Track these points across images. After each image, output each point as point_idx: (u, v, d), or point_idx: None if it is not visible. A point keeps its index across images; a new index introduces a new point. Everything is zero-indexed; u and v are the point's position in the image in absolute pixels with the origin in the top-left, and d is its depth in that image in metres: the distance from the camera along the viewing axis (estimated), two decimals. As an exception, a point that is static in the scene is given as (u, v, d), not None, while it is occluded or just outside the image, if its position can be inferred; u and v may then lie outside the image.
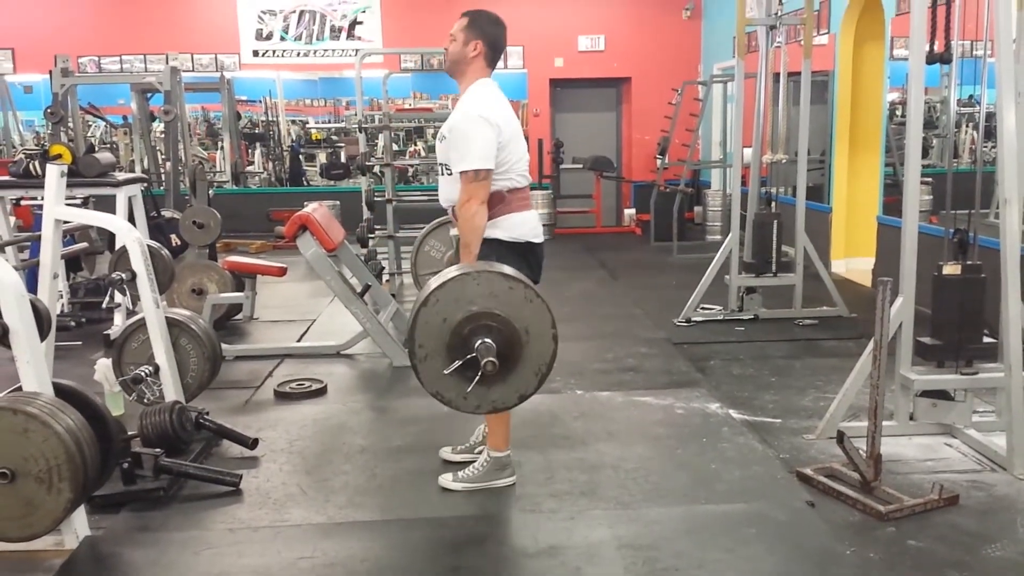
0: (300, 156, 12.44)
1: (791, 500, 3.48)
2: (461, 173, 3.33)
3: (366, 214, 7.61)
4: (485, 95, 3.44)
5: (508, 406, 2.92)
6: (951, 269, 3.92)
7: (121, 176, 6.47)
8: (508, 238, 3.43)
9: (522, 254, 3.45)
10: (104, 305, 4.95)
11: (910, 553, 3.06)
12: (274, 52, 11.90)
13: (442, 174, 3.52)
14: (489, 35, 3.49)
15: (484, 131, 3.31)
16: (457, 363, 2.78)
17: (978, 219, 4.00)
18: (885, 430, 3.59)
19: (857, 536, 3.18)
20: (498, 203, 3.41)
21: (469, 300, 2.82)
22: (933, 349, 3.96)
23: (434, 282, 2.90)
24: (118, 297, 4.43)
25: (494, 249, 3.39)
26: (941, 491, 3.38)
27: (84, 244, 6.97)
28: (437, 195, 3.66)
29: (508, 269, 2.99)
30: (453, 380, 2.82)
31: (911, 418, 4.05)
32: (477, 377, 2.76)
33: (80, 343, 5.90)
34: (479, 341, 2.78)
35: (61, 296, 6.36)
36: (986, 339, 3.96)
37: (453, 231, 3.60)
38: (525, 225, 3.48)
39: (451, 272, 2.91)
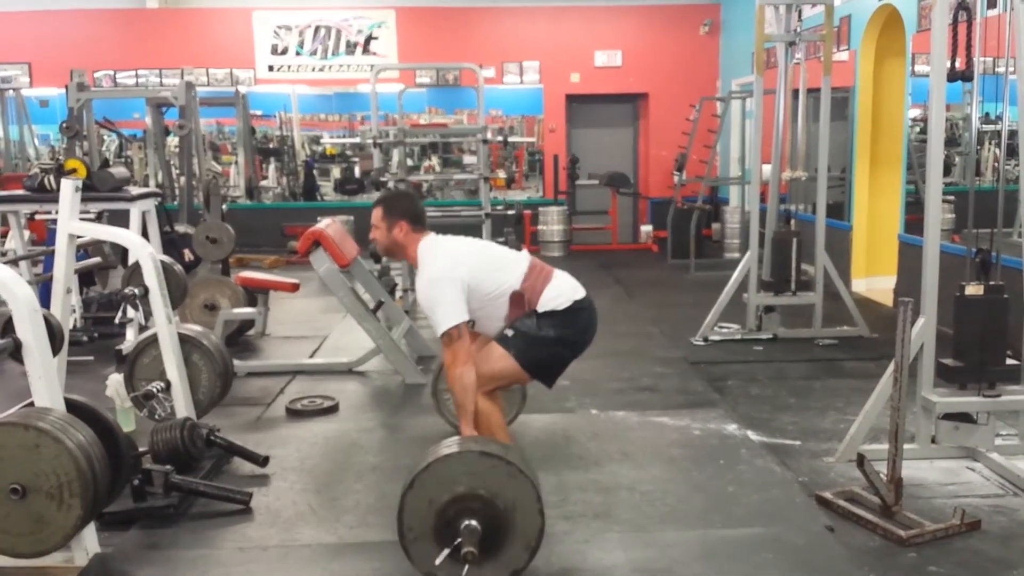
0: (314, 171, 12.47)
1: (810, 524, 3.43)
2: (441, 339, 3.40)
3: (380, 230, 7.58)
4: (429, 255, 3.54)
5: None
6: (973, 289, 3.87)
7: (135, 191, 6.48)
8: (554, 308, 3.49)
9: (572, 314, 3.52)
10: (117, 320, 4.94)
11: (932, 580, 3.00)
12: (289, 67, 11.96)
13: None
14: (406, 212, 3.64)
15: (441, 293, 3.39)
16: (444, 553, 2.82)
17: (1001, 238, 3.95)
18: (906, 453, 3.55)
19: (877, 562, 3.13)
20: (520, 299, 3.49)
21: (452, 481, 2.85)
22: (955, 371, 3.90)
23: (418, 465, 2.93)
24: (131, 312, 4.42)
25: (546, 318, 3.48)
26: (963, 516, 3.33)
27: (97, 259, 6.98)
28: (450, 212, 3.69)
29: (493, 445, 3.00)
30: (446, 562, 2.86)
31: (933, 441, 3.99)
32: (466, 567, 2.79)
33: (92, 358, 5.89)
34: (463, 524, 2.81)
35: (74, 311, 6.36)
36: (1009, 361, 3.91)
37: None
38: (559, 296, 3.52)
39: (436, 452, 2.94)
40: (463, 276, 3.42)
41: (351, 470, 4.09)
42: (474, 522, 2.82)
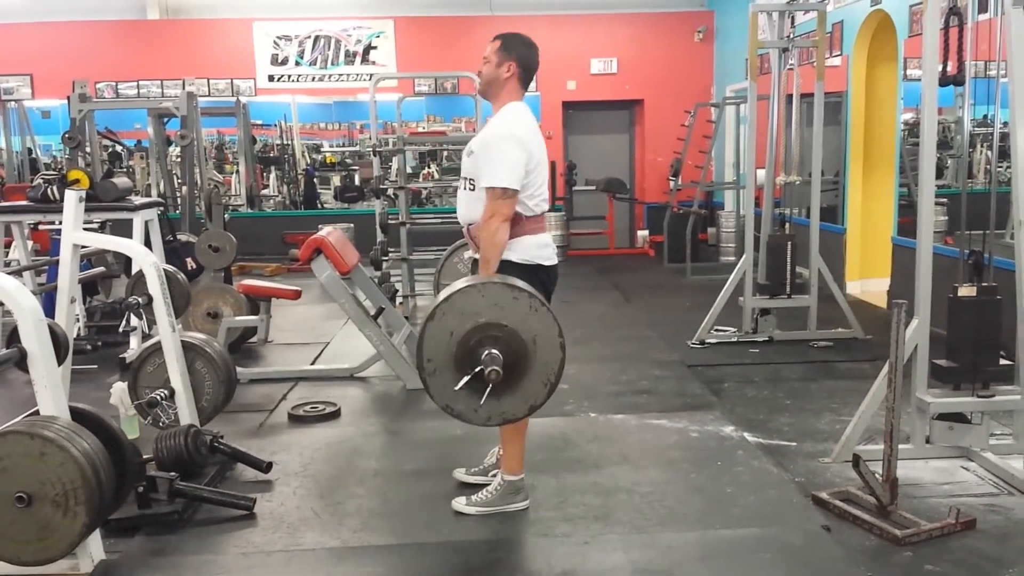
0: (314, 179, 12.51)
1: (807, 524, 3.46)
2: (487, 189, 3.34)
3: (380, 237, 7.64)
4: (518, 118, 3.48)
5: (518, 417, 2.93)
6: (966, 291, 3.89)
7: (138, 201, 6.53)
8: (520, 260, 3.44)
9: (534, 275, 3.45)
10: (121, 329, 4.99)
11: (927, 578, 3.04)
12: (289, 77, 12.01)
13: (464, 188, 3.55)
14: (522, 57, 3.54)
15: (515, 151, 3.35)
16: (466, 378, 2.79)
17: (993, 240, 3.98)
18: (901, 453, 3.58)
19: (873, 561, 3.16)
20: (514, 225, 3.42)
21: (475, 312, 2.82)
22: (949, 371, 3.92)
23: (440, 296, 2.90)
24: (134, 321, 4.46)
25: (506, 270, 3.40)
26: (958, 515, 3.36)
27: (101, 268, 7.02)
28: (451, 217, 3.68)
29: (514, 280, 2.99)
30: (463, 393, 2.83)
31: (927, 441, 4.01)
32: (487, 390, 2.76)
33: (96, 366, 5.93)
34: (485, 352, 2.78)
35: (77, 320, 6.40)
36: (1002, 361, 3.93)
37: (468, 253, 3.60)
38: (538, 248, 3.50)
39: (457, 285, 2.92)
40: (532, 156, 3.38)
41: (354, 475, 4.12)
42: (495, 350, 2.79)
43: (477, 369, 2.78)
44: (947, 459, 4.03)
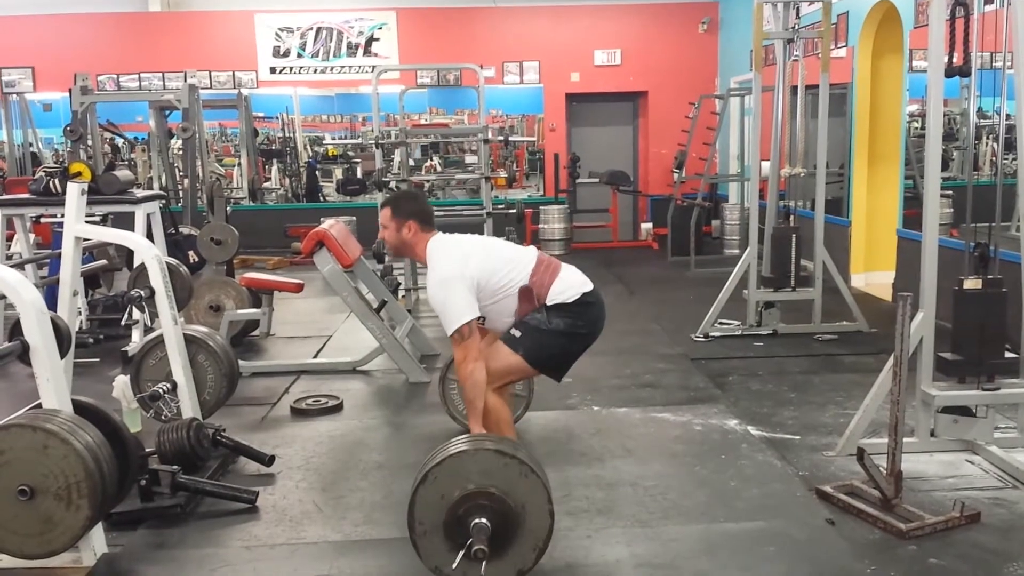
0: (316, 172, 12.51)
1: (811, 518, 3.45)
2: (452, 337, 3.43)
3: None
4: (438, 254, 3.57)
5: None
6: (972, 283, 3.88)
7: (140, 193, 6.52)
8: (563, 300, 3.53)
9: (581, 307, 3.56)
10: (123, 322, 4.98)
11: (931, 572, 3.03)
12: (291, 69, 12.00)
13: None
14: (414, 212, 3.66)
15: (451, 291, 3.42)
16: (459, 556, 2.81)
17: (999, 232, 3.97)
18: (906, 447, 3.57)
19: (878, 554, 3.15)
20: (528, 294, 3.51)
21: (465, 477, 2.85)
22: (954, 364, 3.92)
23: (432, 460, 2.93)
24: (136, 314, 4.46)
25: (556, 311, 3.51)
26: (962, 509, 3.35)
27: (103, 261, 7.01)
28: (452, 212, 3.72)
29: (504, 445, 2.99)
30: (452, 557, 2.85)
31: (932, 434, 4.01)
32: (483, 565, 2.78)
33: (98, 360, 5.92)
34: (474, 522, 2.81)
35: (80, 313, 6.39)
36: (1008, 354, 3.92)
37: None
38: (568, 289, 3.56)
39: (449, 449, 2.94)
40: (472, 274, 3.45)
41: (356, 468, 4.12)
42: (484, 520, 2.81)
43: (468, 542, 2.80)
44: (952, 452, 4.02)
